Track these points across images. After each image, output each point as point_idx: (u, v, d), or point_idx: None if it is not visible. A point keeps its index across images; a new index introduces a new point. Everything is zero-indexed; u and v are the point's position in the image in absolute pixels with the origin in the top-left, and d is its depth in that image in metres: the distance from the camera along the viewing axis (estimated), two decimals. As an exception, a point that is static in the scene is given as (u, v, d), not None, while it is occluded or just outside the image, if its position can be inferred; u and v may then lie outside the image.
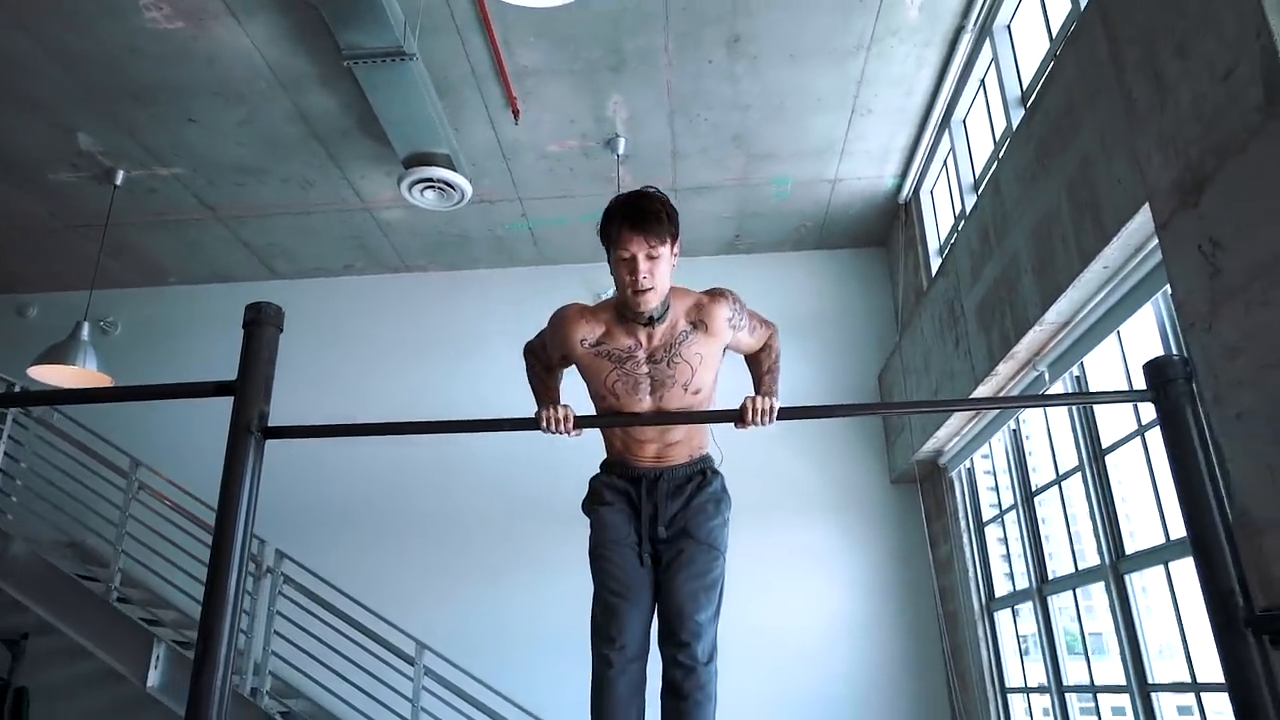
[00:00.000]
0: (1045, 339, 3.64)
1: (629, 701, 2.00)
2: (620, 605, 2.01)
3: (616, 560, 2.08)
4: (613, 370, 2.10)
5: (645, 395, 2.10)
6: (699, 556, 2.06)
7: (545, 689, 5.48)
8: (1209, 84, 2.05)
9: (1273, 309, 1.85)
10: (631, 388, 2.09)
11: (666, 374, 2.08)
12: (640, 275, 1.98)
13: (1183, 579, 3.06)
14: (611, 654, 1.99)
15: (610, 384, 2.10)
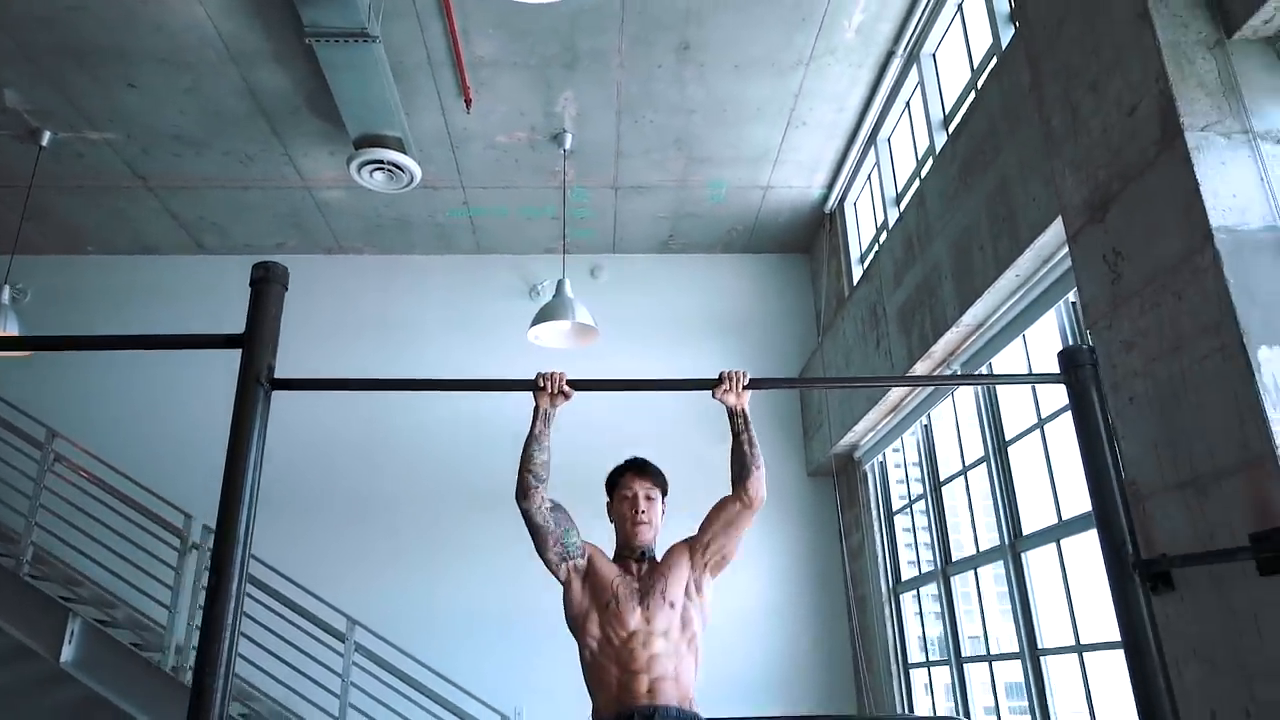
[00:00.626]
0: (960, 340, 4.01)
1: None
2: None
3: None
4: (618, 577, 2.38)
5: (636, 600, 2.32)
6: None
7: (471, 665, 5.61)
8: (1117, 118, 2.39)
9: (1162, 310, 2.20)
10: (628, 596, 2.33)
11: (649, 585, 2.35)
12: (640, 508, 2.41)
13: (1072, 554, 3.46)
14: None
15: (614, 588, 2.35)
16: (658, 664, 2.25)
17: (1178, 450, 2.13)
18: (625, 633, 2.28)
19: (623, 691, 2.22)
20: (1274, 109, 2.17)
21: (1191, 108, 2.15)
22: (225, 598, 1.80)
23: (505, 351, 6.53)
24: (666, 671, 2.25)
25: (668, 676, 2.24)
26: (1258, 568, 1.86)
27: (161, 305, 6.62)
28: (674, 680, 2.25)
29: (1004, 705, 4.08)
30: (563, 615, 2.39)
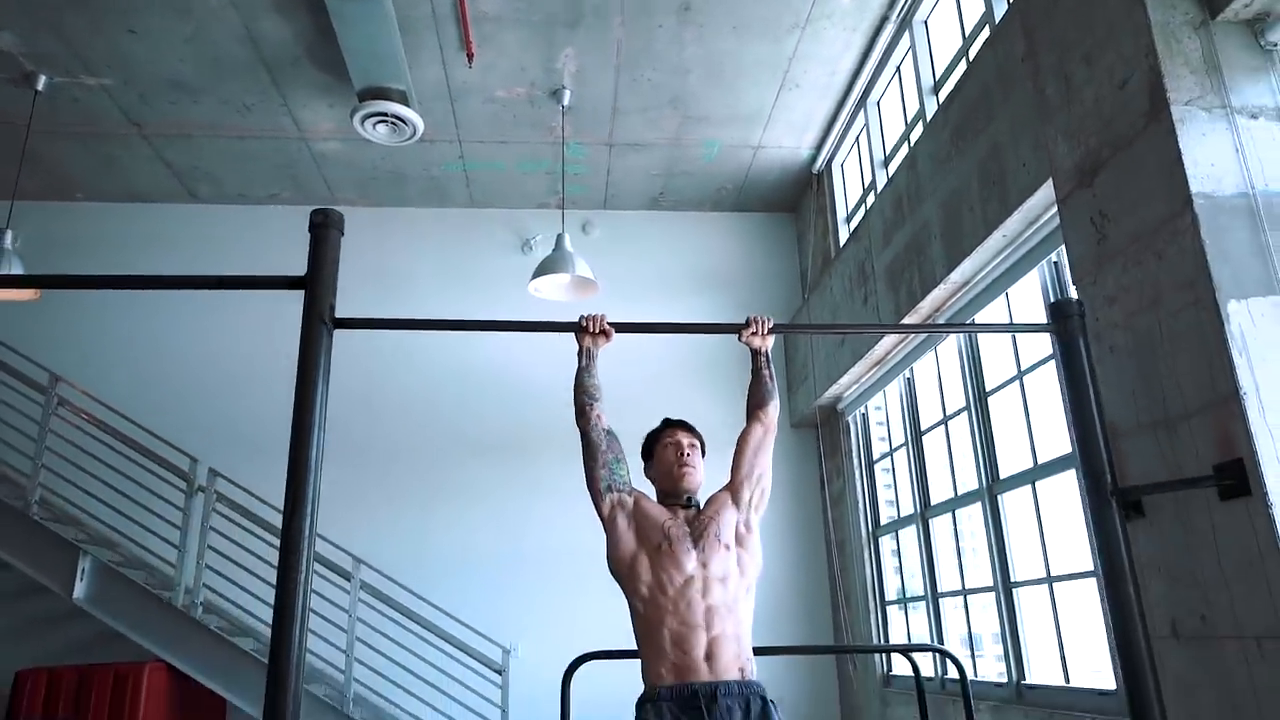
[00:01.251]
0: (947, 296, 4.25)
1: None
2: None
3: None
4: (669, 519, 2.27)
5: (690, 544, 2.21)
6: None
7: (469, 603, 5.85)
8: (1108, 89, 2.60)
9: (1143, 268, 2.44)
10: (681, 537, 2.22)
11: (704, 528, 2.25)
12: (685, 453, 2.37)
13: (1045, 495, 3.75)
14: None
15: (665, 528, 2.24)
16: (717, 618, 2.10)
17: (1152, 394, 2.39)
18: (681, 578, 2.14)
19: (680, 658, 2.06)
20: (1249, 86, 2.39)
21: (1177, 83, 2.37)
22: (299, 534, 1.99)
23: (501, 306, 6.67)
24: (726, 629, 2.10)
25: (727, 635, 2.09)
26: (1219, 494, 2.12)
27: (155, 253, 6.65)
28: (735, 639, 2.10)
29: (977, 636, 4.41)
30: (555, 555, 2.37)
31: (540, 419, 6.45)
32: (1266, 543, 1.99)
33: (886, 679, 5.30)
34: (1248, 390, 2.08)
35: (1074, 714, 3.33)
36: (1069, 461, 3.49)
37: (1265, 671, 2.01)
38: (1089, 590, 3.41)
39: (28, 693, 4.63)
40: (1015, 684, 3.85)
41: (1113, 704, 3.17)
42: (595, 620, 5.98)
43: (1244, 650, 2.06)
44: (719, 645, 2.09)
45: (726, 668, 2.07)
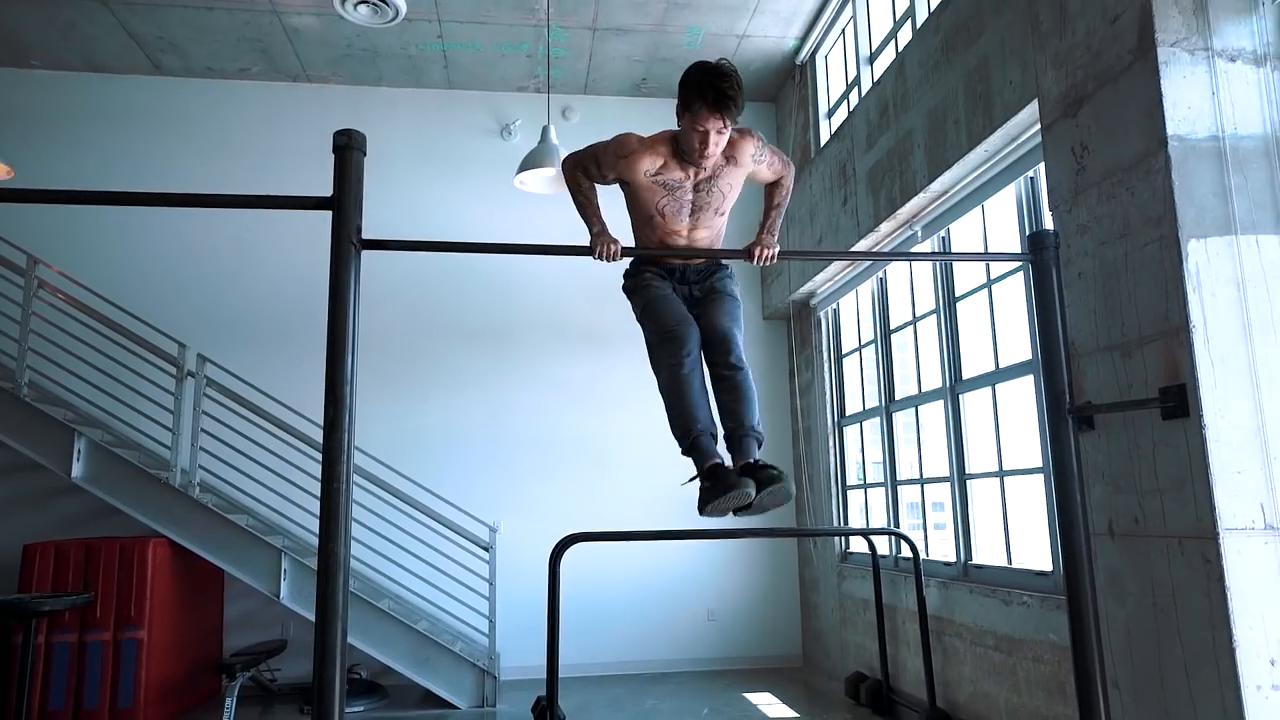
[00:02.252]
0: (926, 204, 4.40)
1: (700, 390, 2.62)
2: (680, 329, 2.60)
3: (669, 306, 2.66)
4: (665, 196, 2.60)
5: (686, 217, 2.64)
6: (729, 303, 2.71)
7: (461, 484, 6.16)
8: (1100, 23, 2.70)
9: (1116, 201, 2.61)
10: (676, 211, 2.62)
11: (705, 200, 2.63)
12: (710, 147, 2.49)
13: (1003, 398, 4.05)
14: (682, 360, 2.58)
15: (660, 207, 2.62)
16: (698, 238, 2.70)
17: (1112, 320, 2.62)
18: (670, 229, 2.67)
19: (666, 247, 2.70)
20: (1232, 27, 2.51)
21: (1166, 24, 2.48)
22: (340, 430, 2.14)
23: (481, 192, 6.67)
24: (702, 240, 2.71)
25: (703, 243, 2.72)
26: (1161, 414, 2.39)
27: (117, 127, 6.46)
28: (708, 243, 2.72)
29: (930, 521, 4.82)
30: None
31: (525, 307, 6.59)
32: (1197, 459, 2.28)
33: (844, 555, 5.78)
34: (1196, 323, 2.32)
35: (1013, 590, 3.74)
36: (1028, 368, 3.77)
37: (1182, 564, 2.34)
38: (1035, 485, 3.76)
39: (37, 566, 4.86)
40: (963, 564, 4.27)
41: (1048, 583, 3.57)
42: (573, 503, 6.36)
43: (1168, 547, 2.39)
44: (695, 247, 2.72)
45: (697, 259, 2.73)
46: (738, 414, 2.61)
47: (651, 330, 2.67)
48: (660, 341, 2.63)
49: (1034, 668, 3.56)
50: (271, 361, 6.14)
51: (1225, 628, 2.17)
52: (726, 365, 2.62)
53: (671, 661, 6.31)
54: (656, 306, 2.66)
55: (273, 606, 5.78)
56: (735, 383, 2.62)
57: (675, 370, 2.57)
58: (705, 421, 2.61)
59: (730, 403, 2.62)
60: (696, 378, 2.60)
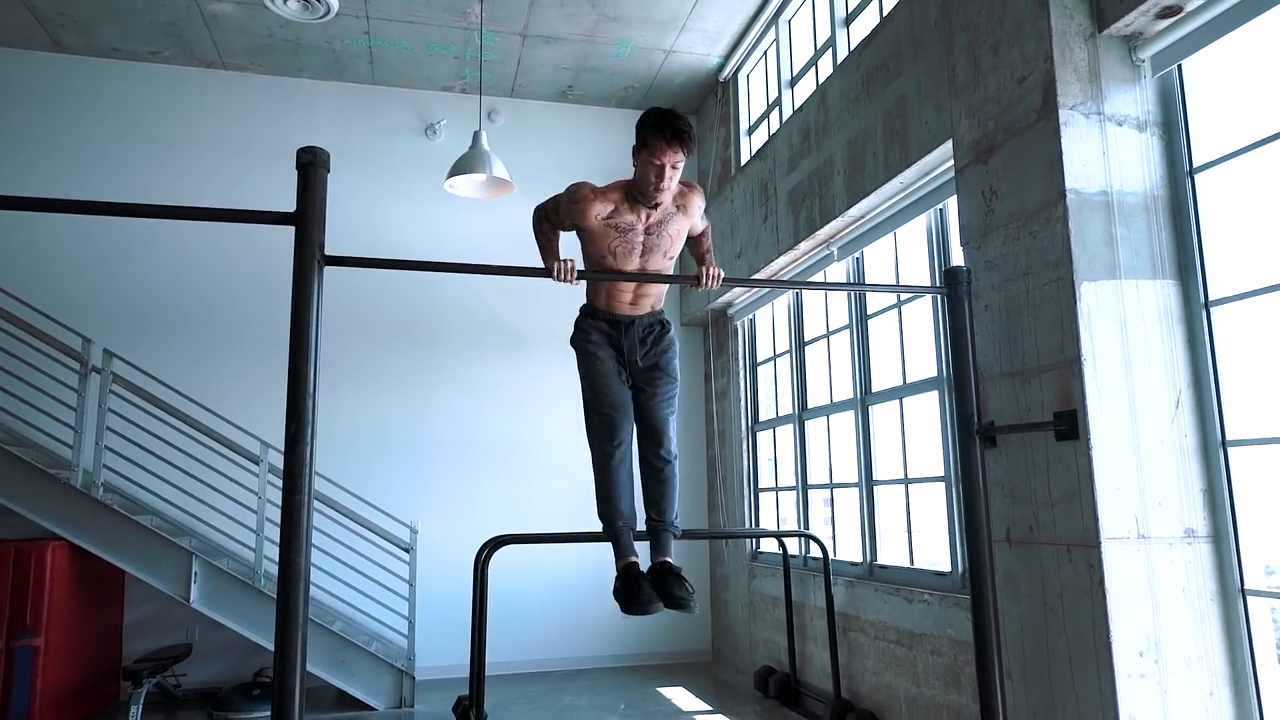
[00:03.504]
0: (843, 226, 4.69)
1: (628, 479, 2.82)
2: (615, 418, 2.78)
3: (608, 388, 2.80)
4: (616, 238, 2.75)
5: (636, 258, 2.77)
6: (667, 387, 2.85)
7: (381, 485, 6.13)
8: (1010, 81, 2.99)
9: (1020, 243, 2.91)
10: (627, 252, 2.76)
11: (655, 243, 2.78)
12: (665, 180, 2.66)
13: (910, 411, 4.37)
14: (613, 450, 2.77)
15: (612, 248, 2.75)
16: (644, 290, 2.84)
17: (1014, 349, 2.92)
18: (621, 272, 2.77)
19: (612, 299, 2.83)
20: (1120, 95, 2.84)
21: (1066, 89, 2.79)
22: (303, 443, 2.20)
23: (405, 192, 6.64)
24: (647, 292, 2.85)
25: (647, 296, 2.86)
26: (1055, 435, 2.70)
27: (11, 104, 6.12)
28: (655, 296, 2.88)
29: (839, 524, 5.13)
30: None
31: (446, 307, 6.60)
32: (1085, 476, 2.59)
33: (754, 555, 6.06)
34: (1087, 356, 2.63)
35: (915, 589, 4.07)
36: (933, 384, 4.09)
37: (1070, 569, 2.65)
38: (935, 492, 4.09)
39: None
40: (869, 564, 4.59)
41: (947, 583, 3.90)
42: (491, 504, 6.42)
43: (1058, 553, 2.70)
44: (641, 300, 2.86)
45: (644, 310, 2.86)
46: (660, 506, 2.84)
47: (589, 401, 2.82)
48: (597, 422, 2.80)
49: (932, 660, 3.88)
50: (180, 357, 5.97)
51: (1104, 624, 2.49)
52: (657, 457, 2.81)
53: (586, 658, 6.46)
54: (597, 381, 2.80)
55: (175, 610, 5.63)
56: (662, 476, 2.83)
57: (606, 459, 2.78)
58: (628, 513, 2.83)
59: (655, 494, 2.84)
60: (625, 469, 2.79)
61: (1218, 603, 2.57)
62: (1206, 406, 2.65)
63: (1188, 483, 2.62)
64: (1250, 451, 2.58)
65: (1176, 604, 2.53)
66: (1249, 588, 2.53)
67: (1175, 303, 2.72)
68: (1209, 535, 2.60)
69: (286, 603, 2.16)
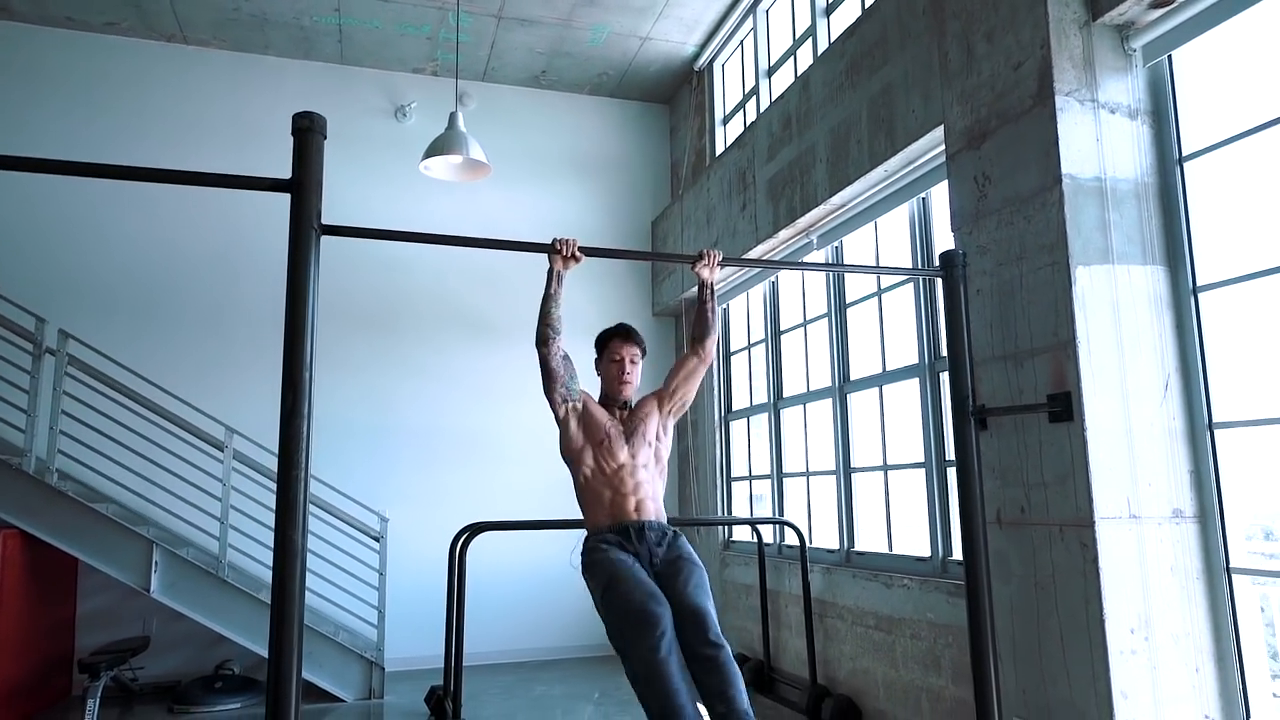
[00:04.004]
0: (824, 215, 4.70)
1: (682, 673, 2.45)
2: (651, 606, 2.47)
3: (635, 580, 2.58)
4: (607, 422, 2.90)
5: (624, 444, 2.86)
6: (695, 573, 2.68)
7: (349, 474, 5.99)
8: (1004, 68, 3.02)
9: (1014, 228, 2.94)
10: (617, 435, 2.89)
11: (633, 426, 2.91)
12: (626, 370, 2.95)
13: (890, 399, 4.41)
14: (658, 644, 2.41)
15: (605, 429, 2.88)
16: (642, 488, 2.82)
17: (1006, 332, 2.95)
18: (615, 464, 2.83)
19: (616, 509, 2.79)
20: (1112, 83, 2.89)
21: (1063, 75, 2.82)
22: (300, 418, 2.12)
23: (375, 174, 6.50)
24: (648, 494, 2.83)
25: (649, 497, 2.83)
26: (1049, 417, 2.73)
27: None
28: (653, 499, 2.85)
29: (815, 512, 5.16)
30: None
31: (413, 294, 6.48)
32: (1079, 457, 2.62)
33: (727, 544, 6.07)
34: (1081, 339, 2.67)
35: (894, 575, 4.10)
36: (913, 372, 4.13)
37: (1062, 548, 2.69)
38: (915, 478, 4.13)
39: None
40: (846, 550, 4.62)
41: (927, 567, 3.95)
42: (460, 493, 6.33)
43: (1049, 534, 2.73)
44: (644, 504, 2.83)
45: (648, 515, 2.82)
46: (728, 696, 2.44)
47: (618, 614, 2.52)
48: (631, 625, 2.46)
49: (912, 644, 3.92)
50: (142, 339, 5.77)
51: (1098, 602, 2.52)
52: (706, 644, 2.47)
53: (559, 648, 6.41)
54: (621, 585, 2.54)
55: (131, 601, 5.44)
56: (719, 663, 2.47)
57: (653, 655, 2.39)
58: (692, 711, 2.42)
59: (718, 685, 2.46)
60: (675, 659, 2.44)
61: (1203, 581, 2.62)
62: (1194, 390, 2.70)
63: (1175, 464, 2.67)
64: (1234, 433, 2.65)
65: (1165, 582, 2.59)
66: (1233, 566, 2.60)
67: (1164, 288, 2.78)
68: (1195, 515, 2.66)
69: (282, 583, 2.08)
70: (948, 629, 3.67)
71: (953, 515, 3.86)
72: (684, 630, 2.51)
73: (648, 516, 2.78)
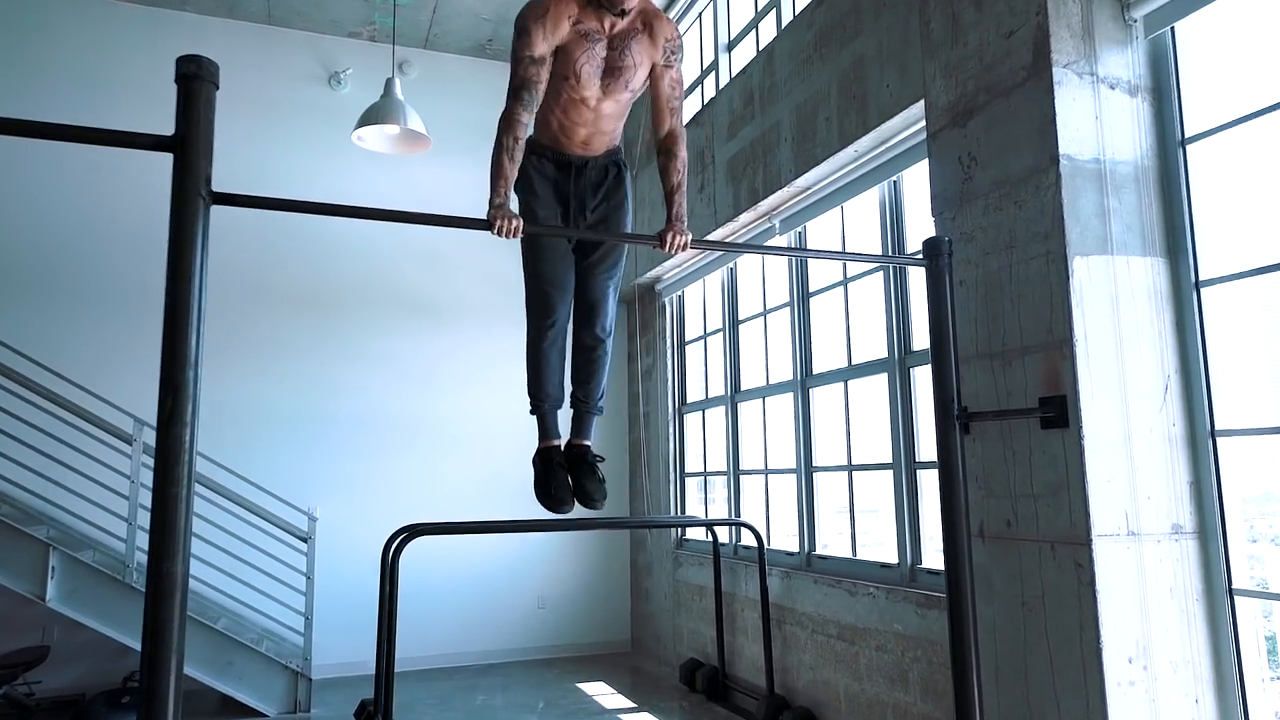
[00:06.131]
0: (789, 197, 4.42)
1: (559, 359, 2.64)
2: (553, 295, 2.55)
3: (550, 261, 2.53)
4: (585, 51, 2.31)
5: (598, 80, 2.35)
6: (614, 253, 2.60)
7: (273, 468, 5.54)
8: (994, 37, 2.75)
9: (1003, 214, 2.69)
10: (592, 72, 2.33)
11: (617, 62, 2.34)
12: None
13: (855, 395, 4.16)
14: (547, 328, 2.57)
15: (578, 66, 2.31)
16: (601, 122, 2.44)
17: (992, 328, 2.69)
18: (578, 97, 2.36)
19: (562, 135, 2.47)
20: (1113, 56, 2.64)
21: (1060, 45, 2.56)
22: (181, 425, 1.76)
23: (306, 144, 6.03)
24: (605, 128, 2.47)
25: (604, 131, 2.48)
26: (1041, 423, 2.49)
27: None
28: (609, 134, 2.50)
29: (774, 512, 4.91)
30: None
31: (352, 273, 6.04)
32: (1074, 468, 2.38)
33: (679, 543, 5.79)
34: (1079, 338, 2.42)
35: (859, 581, 3.86)
36: (881, 366, 3.88)
37: (1054, 567, 2.45)
38: (882, 480, 3.89)
39: None
40: (806, 554, 4.37)
41: (894, 574, 3.71)
42: (400, 488, 5.93)
43: (1039, 550, 2.49)
44: (593, 139, 2.49)
45: (595, 150, 2.51)
46: (588, 386, 2.73)
47: (529, 272, 2.61)
48: (533, 294, 2.60)
49: (877, 656, 3.69)
50: (37, 320, 5.23)
51: (1094, 628, 2.29)
52: (591, 335, 2.66)
53: (499, 652, 6.08)
54: (539, 253, 2.54)
55: (29, 607, 4.94)
56: (594, 355, 2.69)
57: (539, 336, 2.61)
58: (555, 396, 2.70)
59: (584, 373, 2.71)
60: (557, 349, 2.65)
61: (1203, 603, 2.41)
62: (1195, 394, 2.48)
63: (1175, 475, 2.45)
64: (1237, 442, 2.44)
65: (1164, 605, 2.37)
66: (1235, 586, 2.39)
67: (1165, 282, 2.55)
68: (1195, 531, 2.45)
69: (156, 619, 1.71)
70: (916, 642, 3.44)
71: (923, 521, 3.63)
72: (580, 314, 2.65)
73: (594, 153, 2.51)
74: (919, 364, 3.64)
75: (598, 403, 2.76)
